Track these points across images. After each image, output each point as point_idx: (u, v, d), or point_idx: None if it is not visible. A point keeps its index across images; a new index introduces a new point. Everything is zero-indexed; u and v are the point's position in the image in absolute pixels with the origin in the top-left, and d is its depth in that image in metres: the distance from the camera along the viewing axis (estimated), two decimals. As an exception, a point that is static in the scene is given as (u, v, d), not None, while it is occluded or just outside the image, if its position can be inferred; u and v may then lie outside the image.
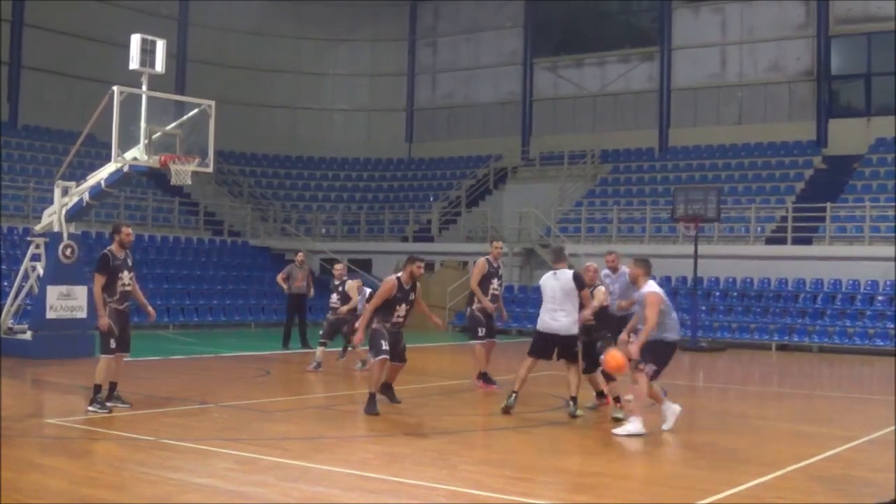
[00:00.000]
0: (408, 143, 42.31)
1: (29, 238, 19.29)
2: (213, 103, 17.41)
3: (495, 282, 14.88)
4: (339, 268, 17.43)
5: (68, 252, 17.88)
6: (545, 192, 34.53)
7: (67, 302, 17.81)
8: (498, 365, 20.53)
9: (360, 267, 34.34)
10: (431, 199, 37.63)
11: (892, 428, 11.56)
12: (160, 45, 16.88)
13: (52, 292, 17.56)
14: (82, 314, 18.02)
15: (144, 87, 16.60)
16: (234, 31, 39.78)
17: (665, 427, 10.80)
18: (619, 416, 11.31)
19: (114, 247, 11.42)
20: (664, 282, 29.58)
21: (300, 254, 22.66)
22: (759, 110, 35.25)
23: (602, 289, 12.81)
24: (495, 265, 15.20)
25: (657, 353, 10.69)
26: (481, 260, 15.27)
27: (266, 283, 31.61)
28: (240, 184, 38.53)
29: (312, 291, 21.98)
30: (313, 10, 41.09)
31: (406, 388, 14.22)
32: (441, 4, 41.68)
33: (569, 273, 12.25)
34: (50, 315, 17.59)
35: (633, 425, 10.53)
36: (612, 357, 10.90)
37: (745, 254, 28.74)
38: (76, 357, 17.19)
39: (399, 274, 12.26)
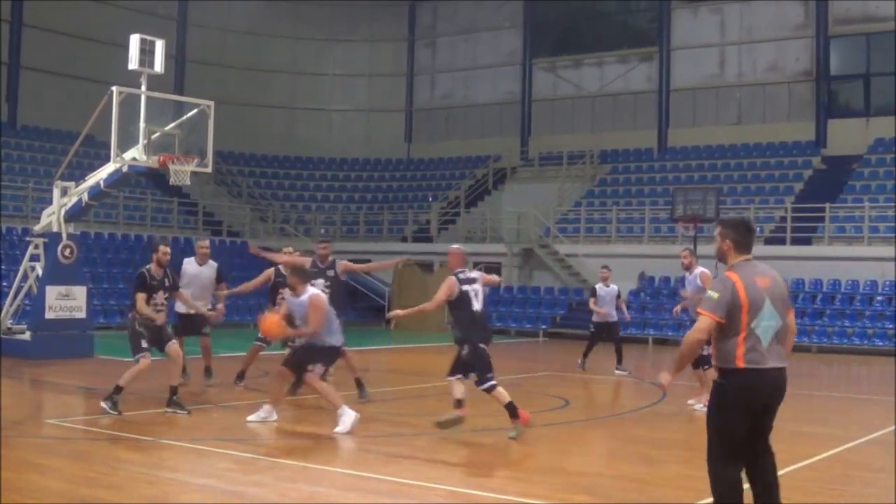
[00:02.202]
0: (407, 143, 42.31)
1: (28, 238, 19.27)
2: (211, 103, 17.41)
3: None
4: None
5: (67, 252, 17.87)
6: (544, 192, 34.53)
7: (66, 302, 17.80)
8: (498, 365, 20.50)
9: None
10: (430, 199, 37.62)
11: (892, 428, 11.57)
12: (159, 46, 16.88)
13: (51, 292, 17.55)
14: (81, 314, 18.01)
15: (143, 88, 16.60)
16: (232, 32, 39.78)
17: (338, 430, 10.34)
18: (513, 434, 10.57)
19: (152, 266, 11.63)
20: (663, 282, 29.64)
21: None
22: (758, 111, 35.26)
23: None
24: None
25: (324, 354, 10.87)
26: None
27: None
28: (239, 184, 38.52)
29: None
30: (312, 11, 41.08)
31: (406, 388, 14.24)
32: (440, 5, 41.68)
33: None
34: (49, 315, 17.58)
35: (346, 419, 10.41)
36: (265, 321, 10.95)
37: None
38: (75, 357, 17.18)
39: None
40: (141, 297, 11.24)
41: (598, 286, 18.39)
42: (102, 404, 11.02)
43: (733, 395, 6.08)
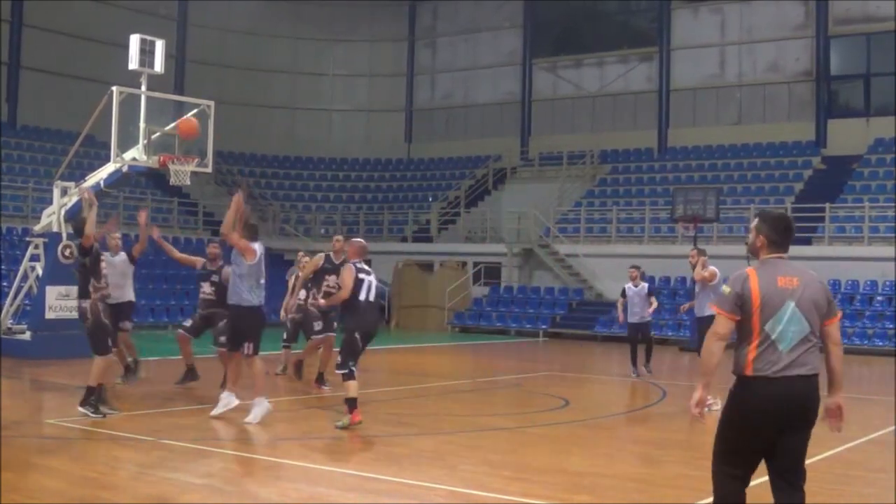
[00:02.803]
0: (407, 143, 42.32)
1: (28, 238, 19.28)
2: (212, 103, 17.43)
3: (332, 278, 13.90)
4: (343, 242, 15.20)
5: (67, 252, 17.86)
6: (544, 192, 34.53)
7: (66, 302, 17.78)
8: (498, 365, 20.59)
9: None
10: (430, 199, 37.63)
11: (892, 428, 11.57)
12: (159, 46, 16.89)
13: (52, 292, 17.54)
14: (81, 314, 17.99)
15: (143, 88, 16.62)
16: (232, 32, 39.79)
17: (213, 412, 10.77)
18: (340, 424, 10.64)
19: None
20: (664, 282, 29.64)
21: (300, 253, 22.59)
22: (759, 111, 35.26)
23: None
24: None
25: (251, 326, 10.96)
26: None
27: (265, 284, 31.55)
28: (239, 184, 38.46)
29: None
30: (312, 11, 41.09)
31: (406, 388, 14.23)
32: (440, 5, 41.68)
33: None
34: (49, 315, 17.57)
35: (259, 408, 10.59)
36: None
37: (744, 254, 28.67)
38: (75, 357, 17.14)
39: None
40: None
41: (628, 286, 17.99)
42: (81, 409, 10.64)
43: (741, 406, 5.45)
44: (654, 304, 17.69)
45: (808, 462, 9.40)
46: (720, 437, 5.61)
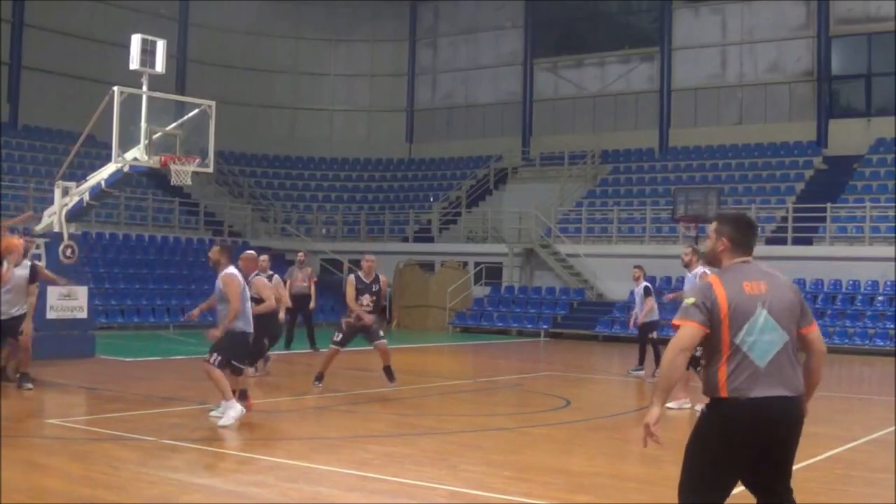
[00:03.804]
0: (408, 143, 42.33)
1: (29, 238, 19.27)
2: (213, 104, 17.43)
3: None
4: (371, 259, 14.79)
5: (69, 252, 17.88)
6: (545, 192, 34.53)
7: (68, 302, 17.80)
8: (499, 365, 20.59)
9: (361, 267, 34.34)
10: (431, 199, 37.63)
11: (892, 428, 11.56)
12: (160, 46, 16.89)
13: (53, 292, 17.54)
14: (82, 314, 18.02)
15: (144, 88, 16.62)
16: (233, 32, 39.80)
17: (221, 423, 10.35)
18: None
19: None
20: (664, 282, 29.63)
21: (301, 253, 22.59)
22: (760, 111, 35.26)
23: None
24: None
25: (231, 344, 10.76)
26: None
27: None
28: (240, 184, 38.54)
29: (314, 292, 21.66)
30: (313, 11, 41.11)
31: (406, 388, 14.22)
32: (441, 5, 41.69)
33: None
34: (50, 315, 17.57)
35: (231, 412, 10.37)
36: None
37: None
38: (76, 357, 17.19)
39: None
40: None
41: (634, 288, 17.83)
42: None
43: (714, 431, 4.77)
44: (648, 306, 17.30)
45: (808, 462, 9.42)
46: (689, 465, 4.94)
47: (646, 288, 17.62)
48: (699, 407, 11.82)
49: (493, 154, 38.59)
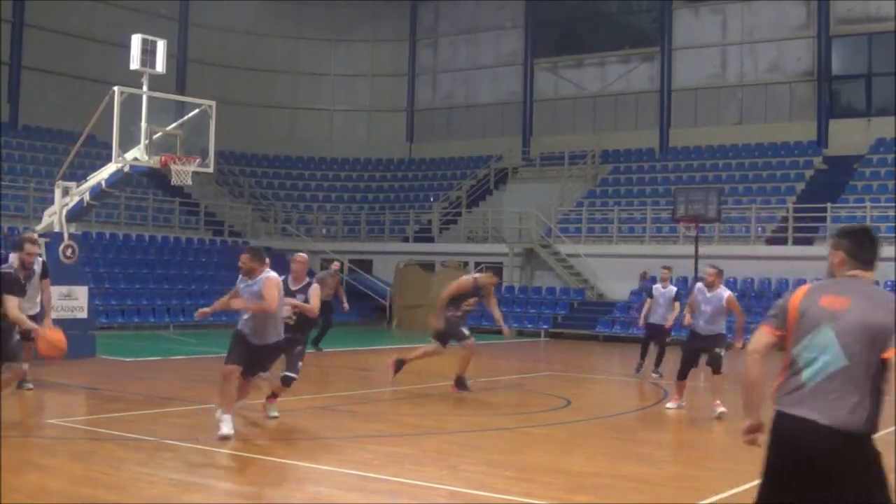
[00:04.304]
0: (408, 143, 42.32)
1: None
2: (213, 104, 17.44)
3: None
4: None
5: (69, 252, 17.88)
6: (546, 192, 34.54)
7: (68, 302, 17.80)
8: (500, 365, 20.58)
9: (361, 267, 34.37)
10: (432, 199, 37.63)
11: (892, 428, 11.55)
12: (160, 46, 16.90)
13: (53, 293, 17.49)
14: (83, 314, 18.02)
15: (145, 88, 16.63)
16: (234, 32, 39.79)
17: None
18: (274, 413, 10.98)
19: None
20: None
21: (336, 263, 22.73)
22: (760, 111, 35.25)
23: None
24: None
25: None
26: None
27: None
28: (240, 184, 38.54)
29: (345, 298, 21.67)
30: (313, 11, 41.10)
31: (407, 388, 14.23)
32: (441, 4, 41.69)
33: None
34: (50, 315, 17.55)
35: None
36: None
37: (746, 254, 28.74)
38: (77, 357, 17.17)
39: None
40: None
41: (656, 287, 17.22)
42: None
43: (769, 438, 4.51)
44: (676, 311, 16.88)
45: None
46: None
47: (676, 293, 17.28)
48: (721, 410, 11.65)
49: (494, 154, 38.59)
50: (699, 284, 12.78)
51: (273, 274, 10.02)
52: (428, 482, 8.01)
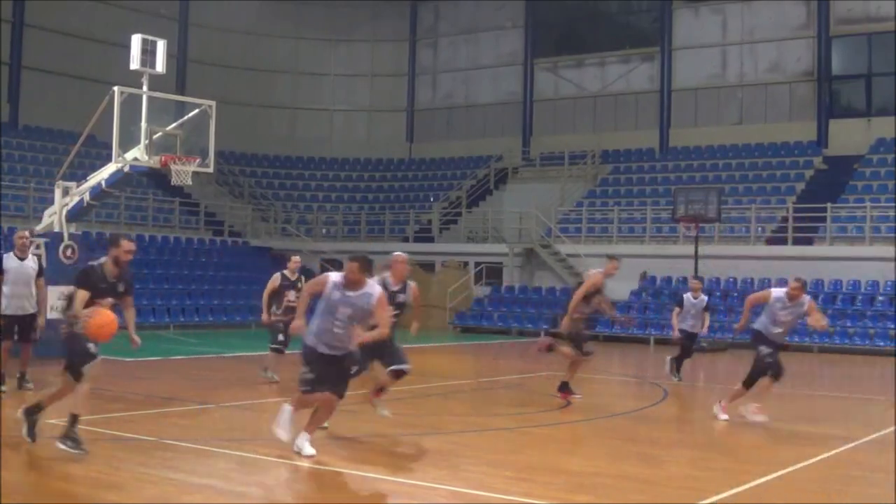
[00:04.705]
0: (408, 143, 42.32)
1: (30, 238, 19.25)
2: (213, 104, 17.44)
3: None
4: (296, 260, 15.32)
5: (69, 252, 17.88)
6: (546, 192, 34.54)
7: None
8: (500, 365, 20.58)
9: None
10: (432, 199, 37.63)
11: (892, 428, 11.56)
12: (160, 46, 16.90)
13: (53, 293, 17.49)
14: (83, 314, 17.99)
15: (145, 88, 16.62)
16: (234, 32, 39.80)
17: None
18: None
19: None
20: (665, 282, 29.65)
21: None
22: (760, 111, 35.25)
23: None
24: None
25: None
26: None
27: (266, 284, 31.54)
28: (240, 184, 38.54)
29: None
30: (313, 11, 41.10)
31: (407, 388, 14.21)
32: (441, 4, 41.69)
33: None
34: (50, 315, 17.51)
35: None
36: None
37: (746, 254, 28.75)
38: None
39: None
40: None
41: (687, 296, 16.91)
42: (61, 446, 8.59)
43: None
44: (707, 320, 16.86)
45: (808, 462, 9.42)
46: None
47: (708, 302, 17.12)
48: (760, 418, 11.38)
49: (494, 154, 38.59)
50: (777, 294, 12.27)
51: (380, 287, 9.16)
52: (428, 482, 8.01)
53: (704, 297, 17.00)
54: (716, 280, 28.83)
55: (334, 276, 8.87)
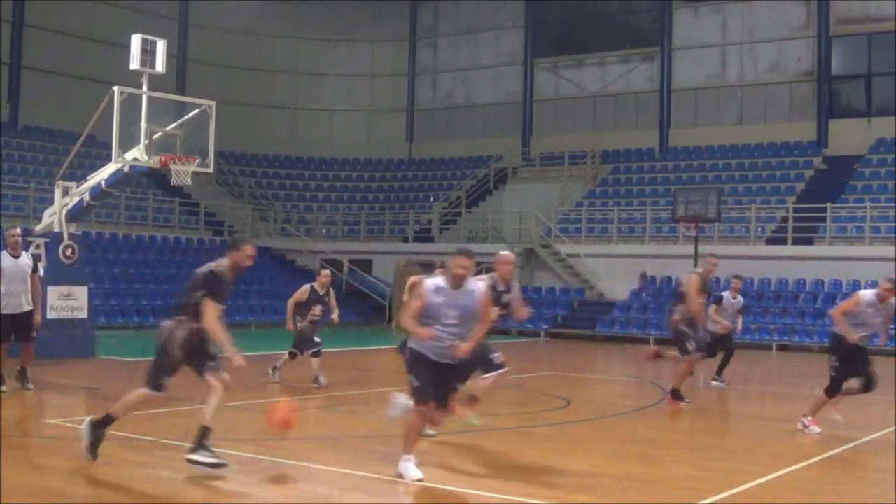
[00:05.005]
0: (408, 143, 42.32)
1: (29, 238, 19.28)
2: (213, 103, 17.43)
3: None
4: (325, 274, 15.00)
5: (69, 252, 17.88)
6: (546, 192, 34.53)
7: (68, 302, 17.81)
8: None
9: (361, 267, 34.36)
10: (432, 199, 37.63)
11: (892, 428, 11.56)
12: (160, 46, 16.90)
13: (53, 293, 17.54)
14: (83, 314, 18.02)
15: (145, 88, 16.63)
16: (234, 32, 39.79)
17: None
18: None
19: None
20: (665, 283, 29.63)
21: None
22: (760, 111, 35.25)
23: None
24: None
25: None
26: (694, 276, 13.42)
27: (266, 284, 31.61)
28: (240, 184, 38.53)
29: None
30: (313, 11, 41.10)
31: (407, 388, 14.21)
32: (441, 4, 41.68)
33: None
34: (50, 315, 17.57)
35: None
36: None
37: (746, 254, 28.73)
38: (76, 357, 17.19)
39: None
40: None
41: (726, 295, 16.54)
42: (194, 457, 8.09)
43: None
44: (741, 324, 16.81)
45: (808, 462, 9.42)
46: None
47: (744, 304, 16.99)
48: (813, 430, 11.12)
49: (494, 154, 38.58)
50: (868, 297, 11.99)
51: (482, 283, 8.73)
52: (428, 482, 8.01)
53: (741, 299, 16.79)
54: (715, 280, 28.76)
55: (432, 280, 8.27)
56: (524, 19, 39.67)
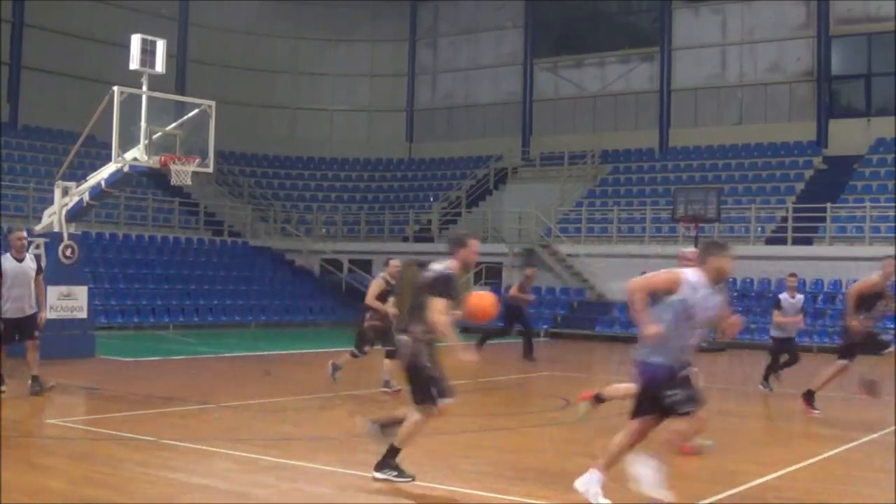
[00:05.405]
0: (408, 143, 42.32)
1: (29, 238, 19.28)
2: (213, 103, 17.44)
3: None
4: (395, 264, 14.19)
5: (69, 252, 17.89)
6: (545, 192, 34.53)
7: (68, 302, 17.82)
8: (500, 365, 20.55)
9: (360, 267, 34.37)
10: (431, 199, 37.62)
11: (892, 428, 11.56)
12: (160, 46, 16.91)
13: (53, 293, 17.54)
14: (82, 314, 18.03)
15: (144, 88, 16.63)
16: (233, 32, 39.79)
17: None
18: None
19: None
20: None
21: (529, 269, 22.97)
22: (760, 111, 35.26)
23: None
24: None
25: None
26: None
27: (266, 284, 31.62)
28: (240, 184, 38.53)
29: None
30: (313, 11, 41.10)
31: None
32: (441, 4, 41.68)
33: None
34: (50, 315, 17.52)
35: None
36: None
37: (746, 254, 28.64)
38: (76, 357, 17.19)
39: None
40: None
41: (784, 297, 15.82)
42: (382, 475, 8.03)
43: None
44: (801, 325, 16.16)
45: (808, 462, 9.42)
46: None
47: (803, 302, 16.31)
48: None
49: (493, 154, 38.58)
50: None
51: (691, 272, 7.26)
52: (427, 482, 8.01)
53: (801, 297, 16.03)
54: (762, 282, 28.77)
55: (692, 274, 7.07)
56: (524, 19, 39.67)
